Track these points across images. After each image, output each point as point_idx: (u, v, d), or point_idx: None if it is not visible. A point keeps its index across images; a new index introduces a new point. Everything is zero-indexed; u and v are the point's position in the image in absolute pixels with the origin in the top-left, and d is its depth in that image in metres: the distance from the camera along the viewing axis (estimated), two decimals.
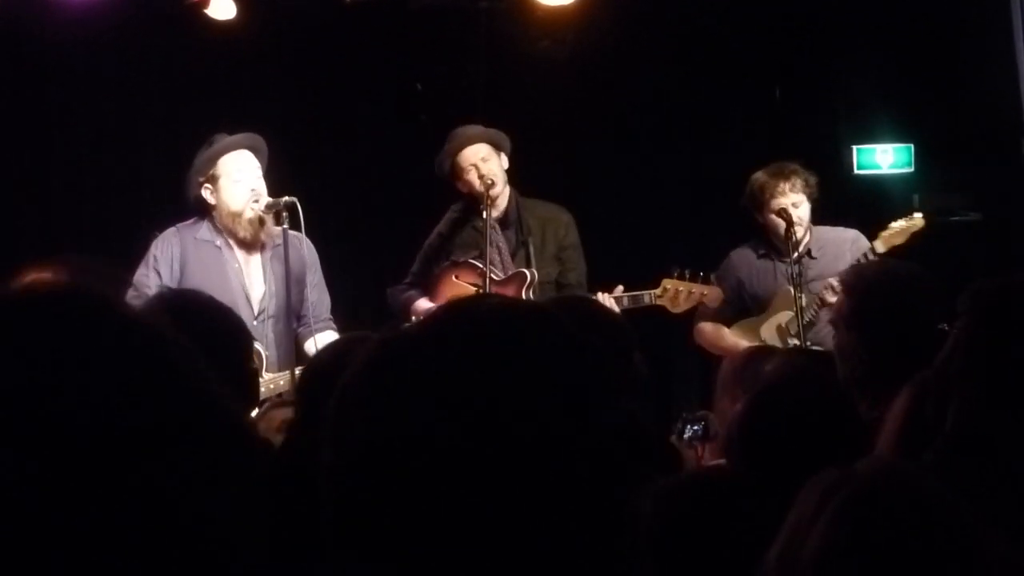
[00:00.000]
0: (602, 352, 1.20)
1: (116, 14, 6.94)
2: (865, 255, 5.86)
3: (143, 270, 5.39)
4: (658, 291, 5.98)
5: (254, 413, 4.05)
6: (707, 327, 6.21)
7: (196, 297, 3.42)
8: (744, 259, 6.23)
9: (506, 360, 1.13)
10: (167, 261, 5.37)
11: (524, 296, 5.83)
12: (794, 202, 5.96)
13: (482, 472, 1.09)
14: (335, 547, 1.13)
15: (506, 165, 6.08)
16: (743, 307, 6.18)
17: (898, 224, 5.96)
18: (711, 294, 5.99)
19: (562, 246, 6.14)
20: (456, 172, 6.06)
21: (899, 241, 5.92)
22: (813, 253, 6.01)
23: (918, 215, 6.02)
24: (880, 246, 5.90)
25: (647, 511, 2.31)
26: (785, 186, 5.96)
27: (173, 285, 5.21)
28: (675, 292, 5.97)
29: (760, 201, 6.01)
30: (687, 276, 5.98)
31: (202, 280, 5.21)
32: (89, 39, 7.17)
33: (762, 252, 6.17)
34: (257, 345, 5.27)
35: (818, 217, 6.15)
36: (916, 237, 5.96)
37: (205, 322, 2.89)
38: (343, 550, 1.13)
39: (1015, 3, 6.78)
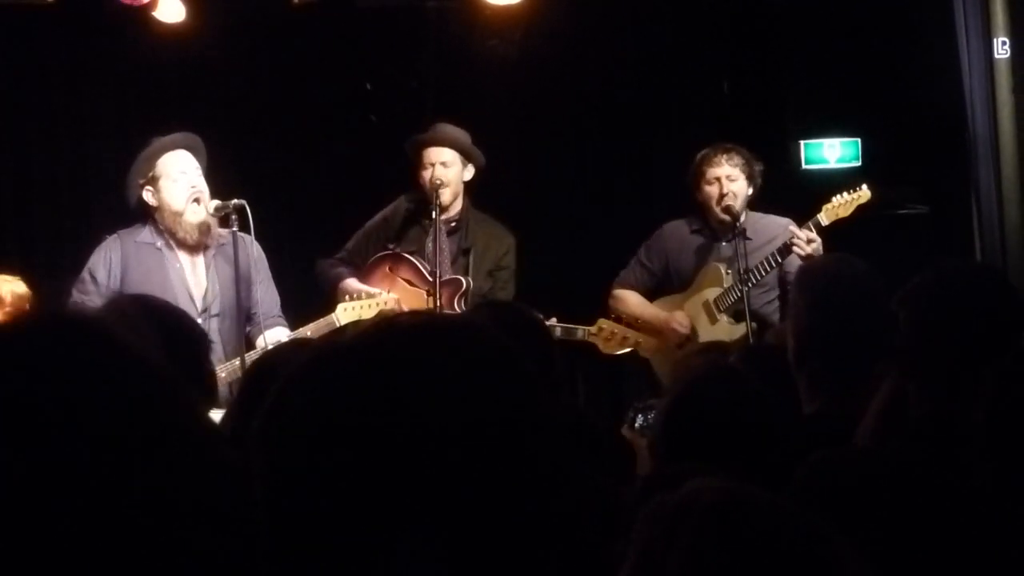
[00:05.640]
0: (526, 359, 1.21)
1: (62, 18, 6.90)
2: (809, 227, 5.80)
3: (81, 277, 5.45)
4: (593, 329, 6.03)
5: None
6: (628, 295, 6.22)
7: (152, 302, 3.44)
8: (676, 232, 6.23)
9: (439, 379, 1.13)
10: (104, 267, 5.42)
11: (456, 304, 5.89)
12: (728, 174, 5.97)
13: (417, 489, 1.09)
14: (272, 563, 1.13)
15: (468, 177, 6.13)
16: (667, 280, 6.20)
17: (843, 196, 5.88)
18: (646, 344, 6.02)
19: (499, 266, 6.18)
20: (416, 159, 6.12)
21: (844, 214, 5.84)
22: (748, 234, 5.99)
23: (865, 187, 5.92)
24: (824, 219, 5.81)
25: None
26: (722, 157, 5.99)
27: (112, 290, 5.23)
28: (610, 334, 6.02)
29: (697, 172, 6.04)
30: (623, 319, 6.02)
31: (143, 282, 5.28)
32: (36, 42, 7.12)
33: (695, 227, 6.18)
34: None
35: (764, 210, 6.20)
36: (862, 210, 5.92)
37: (164, 326, 2.92)
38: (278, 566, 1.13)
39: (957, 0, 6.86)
